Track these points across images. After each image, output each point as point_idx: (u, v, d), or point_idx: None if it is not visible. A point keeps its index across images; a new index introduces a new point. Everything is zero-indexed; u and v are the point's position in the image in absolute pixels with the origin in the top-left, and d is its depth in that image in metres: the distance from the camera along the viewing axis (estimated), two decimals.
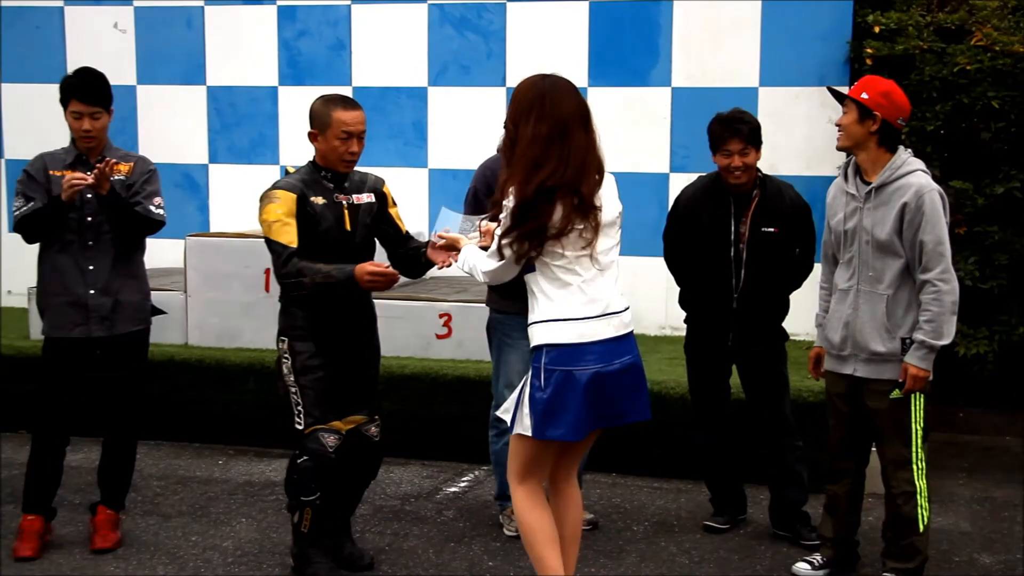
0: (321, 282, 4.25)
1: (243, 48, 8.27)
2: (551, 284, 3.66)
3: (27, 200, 4.70)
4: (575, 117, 3.63)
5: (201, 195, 8.42)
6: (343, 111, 4.37)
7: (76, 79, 4.70)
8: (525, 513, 3.78)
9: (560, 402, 3.61)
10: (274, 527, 5.18)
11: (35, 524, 4.84)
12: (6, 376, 6.72)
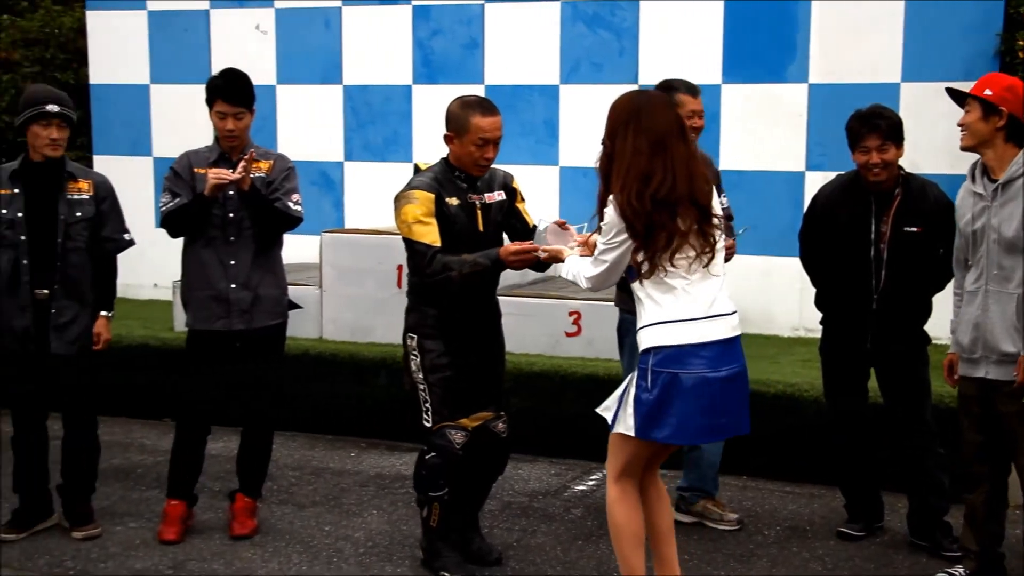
0: (469, 272, 4.25)
1: (378, 48, 8.40)
2: (657, 289, 3.67)
3: (173, 196, 4.85)
4: (672, 129, 3.67)
5: (336, 192, 8.60)
6: (481, 117, 4.34)
7: (222, 80, 4.83)
8: (617, 511, 3.84)
9: (666, 404, 3.62)
10: (404, 519, 5.25)
11: (178, 509, 5.01)
12: (151, 366, 6.97)
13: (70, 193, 4.86)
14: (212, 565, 4.67)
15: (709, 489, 5.22)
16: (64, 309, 4.84)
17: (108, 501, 5.42)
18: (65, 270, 4.83)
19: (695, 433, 3.74)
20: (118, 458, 6.19)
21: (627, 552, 3.83)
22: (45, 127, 4.76)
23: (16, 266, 4.81)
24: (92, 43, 9.20)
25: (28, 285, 4.81)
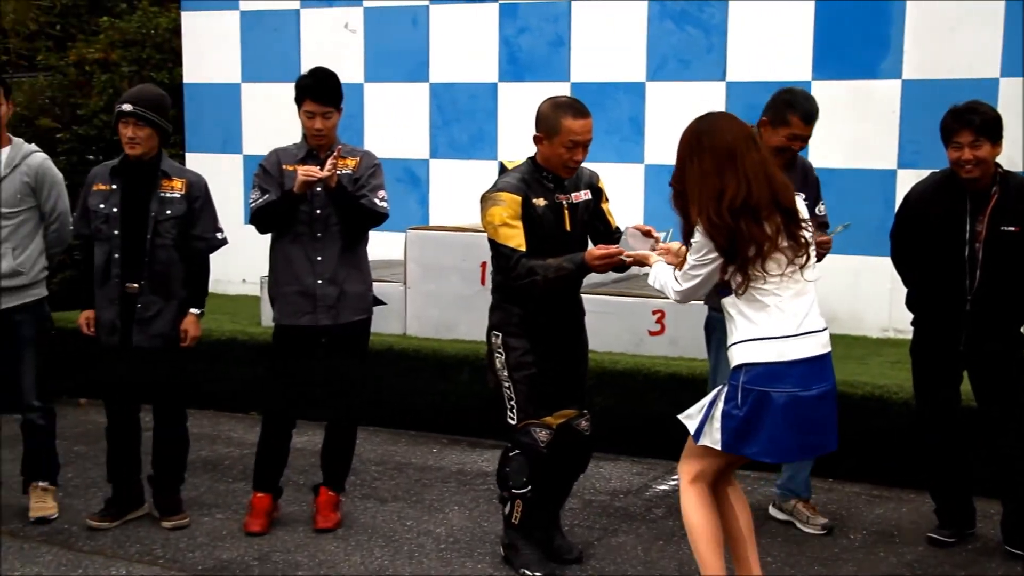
0: (554, 277, 4.25)
1: (465, 45, 8.43)
2: (750, 306, 3.66)
3: (262, 192, 4.92)
4: (739, 139, 3.65)
5: (422, 189, 8.65)
6: (573, 119, 4.31)
7: (311, 79, 4.87)
8: (693, 513, 3.82)
9: (756, 422, 3.61)
10: (485, 516, 5.26)
11: (264, 501, 5.08)
12: (239, 361, 7.09)
13: (162, 191, 4.95)
14: (296, 557, 4.73)
15: (800, 491, 5.14)
16: (149, 304, 4.94)
17: (196, 492, 5.53)
18: (152, 266, 4.93)
19: (785, 451, 3.76)
20: (206, 450, 6.31)
21: (705, 553, 3.81)
22: (124, 126, 4.87)
23: (108, 260, 4.93)
24: (186, 43, 9.40)
25: (118, 279, 4.92)
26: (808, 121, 4.76)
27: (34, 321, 5.13)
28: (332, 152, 4.80)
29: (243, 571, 4.57)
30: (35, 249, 5.12)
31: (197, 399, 6.39)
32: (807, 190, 4.77)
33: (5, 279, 5.00)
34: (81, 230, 5.07)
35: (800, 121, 4.74)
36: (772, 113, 4.77)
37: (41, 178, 5.08)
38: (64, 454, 5.61)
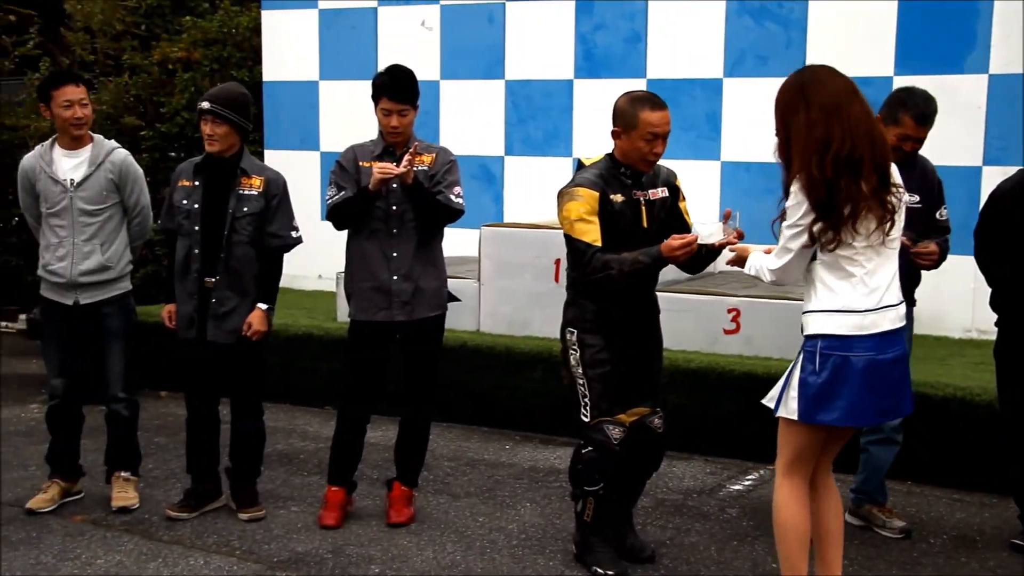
0: (629, 271, 4.21)
1: (541, 42, 8.43)
2: (833, 274, 3.61)
3: (339, 189, 4.96)
4: (844, 92, 3.57)
5: (496, 186, 8.67)
6: (651, 112, 4.28)
7: (387, 77, 4.90)
8: (785, 508, 3.75)
9: (835, 387, 3.56)
10: (557, 513, 5.25)
11: (338, 495, 5.13)
12: (315, 355, 7.18)
13: (241, 188, 5.02)
14: (369, 551, 4.77)
15: (875, 494, 5.05)
16: (225, 300, 5.01)
17: (272, 485, 5.60)
18: (228, 262, 5.00)
19: (864, 415, 3.67)
20: (282, 444, 6.39)
21: (791, 552, 3.74)
22: (204, 123, 4.95)
23: (188, 255, 5.02)
24: (266, 41, 9.54)
25: (196, 274, 5.01)
26: (921, 122, 4.64)
27: (121, 314, 5.25)
28: (408, 148, 4.83)
29: (317, 563, 4.62)
30: (121, 244, 5.24)
31: (274, 393, 6.48)
32: (926, 192, 4.67)
33: (94, 274, 5.11)
34: (166, 224, 5.17)
35: (912, 121, 4.62)
36: (886, 111, 4.65)
37: (124, 174, 5.19)
38: (145, 445, 5.72)
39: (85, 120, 5.11)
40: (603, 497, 4.47)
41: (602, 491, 4.44)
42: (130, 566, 4.56)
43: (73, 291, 5.12)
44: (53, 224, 5.12)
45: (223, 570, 4.53)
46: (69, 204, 5.08)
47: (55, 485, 5.29)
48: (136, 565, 4.57)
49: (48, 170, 5.11)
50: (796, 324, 3.77)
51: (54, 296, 5.17)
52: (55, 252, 5.12)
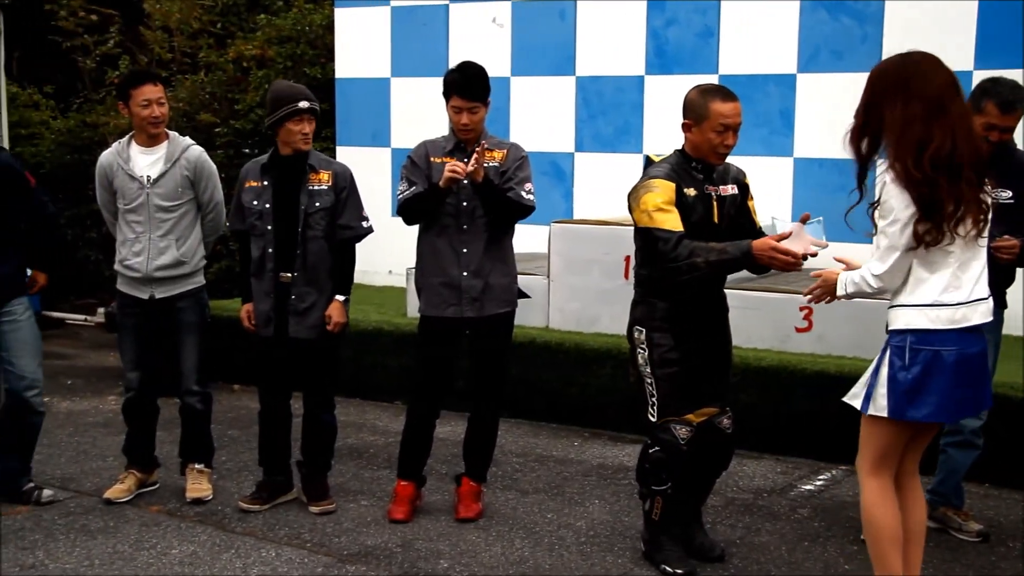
0: (716, 260, 4.12)
1: (612, 38, 8.40)
2: (925, 268, 3.53)
3: (410, 185, 4.98)
4: (948, 88, 3.48)
5: (566, 183, 8.66)
6: (722, 103, 4.26)
7: (458, 75, 4.91)
8: (874, 508, 3.68)
9: (926, 382, 3.50)
10: (626, 511, 5.23)
11: (408, 490, 5.16)
12: (385, 350, 7.23)
13: (311, 184, 5.07)
14: (438, 545, 4.79)
15: (951, 496, 4.95)
16: (304, 295, 5.07)
17: (342, 478, 5.66)
18: (305, 258, 5.05)
19: (952, 410, 3.61)
20: (352, 438, 6.45)
21: (885, 552, 3.66)
22: (298, 123, 5.00)
23: (263, 254, 5.08)
24: (339, 39, 9.62)
25: (272, 272, 5.07)
26: (1005, 110, 4.51)
27: (195, 308, 5.33)
28: (478, 146, 4.84)
29: (386, 557, 4.65)
30: (195, 239, 5.32)
31: (344, 388, 6.54)
32: (1021, 187, 4.56)
33: (169, 269, 5.20)
34: (236, 225, 5.24)
35: (996, 109, 4.50)
36: (972, 100, 4.55)
37: (199, 171, 5.27)
38: (218, 438, 5.81)
39: (162, 119, 5.19)
40: (671, 496, 4.44)
41: (670, 490, 4.42)
42: (203, 556, 4.64)
43: (149, 286, 5.22)
44: (130, 220, 5.22)
45: (294, 562, 4.58)
46: (145, 200, 5.17)
47: (132, 476, 5.40)
48: (209, 556, 4.65)
49: (125, 167, 5.20)
50: (869, 322, 3.73)
51: (130, 291, 5.27)
52: (131, 247, 5.22)
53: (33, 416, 5.24)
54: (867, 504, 3.70)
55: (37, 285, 5.41)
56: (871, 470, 3.69)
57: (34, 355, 5.20)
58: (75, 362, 8.75)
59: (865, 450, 3.70)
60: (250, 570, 4.49)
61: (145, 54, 11.72)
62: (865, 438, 3.70)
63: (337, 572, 4.49)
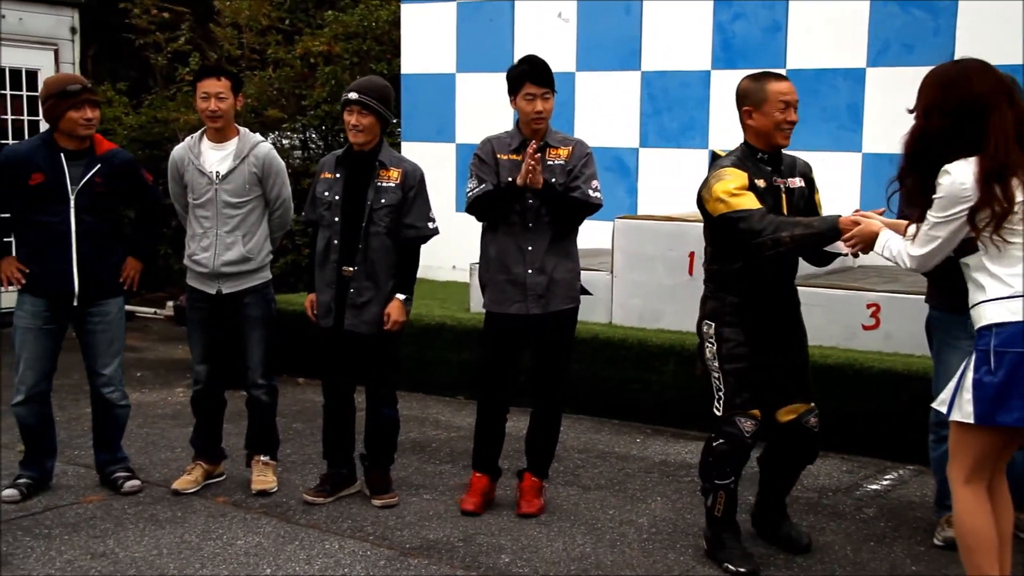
0: (800, 235, 4.11)
1: (678, 33, 8.35)
2: (996, 262, 3.49)
3: (479, 182, 4.99)
4: (997, 93, 3.49)
5: (630, 178, 8.62)
6: (776, 82, 4.35)
7: (527, 65, 4.92)
8: (969, 516, 3.60)
9: (1015, 384, 3.41)
10: (688, 508, 5.20)
11: (482, 481, 5.19)
12: (448, 345, 7.26)
13: (379, 180, 5.11)
14: (500, 540, 4.80)
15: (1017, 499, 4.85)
16: (363, 290, 5.10)
17: (405, 472, 5.70)
18: (366, 253, 5.09)
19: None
20: (415, 432, 6.49)
21: (983, 562, 3.57)
22: (349, 114, 5.04)
23: (328, 245, 5.13)
24: (405, 35, 9.67)
25: (335, 263, 5.12)
26: None
27: (261, 303, 5.39)
28: (545, 143, 4.86)
29: (448, 551, 4.68)
30: (261, 235, 5.38)
31: (407, 382, 6.58)
32: None
33: (236, 264, 5.27)
34: (309, 215, 5.30)
35: None
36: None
37: (268, 167, 5.33)
38: (283, 431, 5.88)
39: (220, 113, 5.22)
40: (734, 492, 4.44)
41: (732, 484, 4.41)
42: (268, 548, 4.70)
43: (216, 280, 5.29)
44: (199, 215, 5.30)
45: (356, 555, 4.63)
46: (214, 196, 5.25)
47: (199, 467, 5.48)
48: (274, 547, 4.71)
49: (196, 162, 5.28)
50: None
51: (198, 285, 5.35)
52: (200, 242, 5.30)
53: (116, 409, 5.37)
54: (962, 514, 3.62)
55: (130, 273, 5.36)
56: (965, 479, 3.60)
57: (115, 354, 5.31)
58: (145, 354, 8.91)
59: (957, 459, 3.62)
60: (313, 562, 4.54)
61: (215, 51, 11.89)
62: (956, 446, 3.62)
63: (399, 565, 4.52)
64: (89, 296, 5.17)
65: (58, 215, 5.07)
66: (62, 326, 5.24)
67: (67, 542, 4.72)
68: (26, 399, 5.15)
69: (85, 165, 5.12)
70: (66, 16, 9.98)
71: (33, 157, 5.09)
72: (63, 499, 5.26)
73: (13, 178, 5.07)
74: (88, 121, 5.08)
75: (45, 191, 5.05)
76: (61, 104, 5.03)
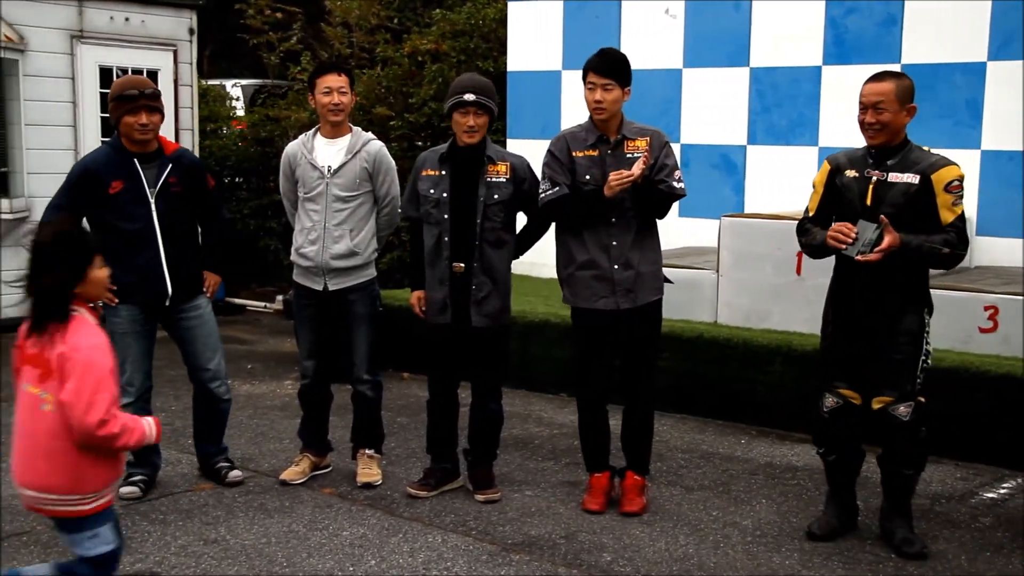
0: (805, 243, 4.73)
1: (788, 28, 8.20)
2: None
3: (553, 184, 4.97)
4: None
5: (737, 176, 8.50)
6: (864, 84, 4.55)
7: (596, 56, 4.94)
8: None
9: None
10: (794, 511, 5.11)
11: (601, 481, 5.17)
12: (551, 342, 7.25)
13: (489, 176, 5.13)
14: (602, 539, 4.78)
15: None
16: (482, 285, 5.13)
17: (508, 468, 5.71)
18: (482, 249, 5.11)
19: None
20: (518, 428, 6.50)
21: None
22: (463, 115, 5.06)
23: (439, 242, 5.16)
24: (511, 32, 9.70)
25: (447, 260, 5.15)
26: None
27: (366, 300, 5.45)
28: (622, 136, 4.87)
29: (550, 548, 4.68)
30: (368, 232, 5.44)
31: (510, 379, 6.59)
32: None
33: (343, 259, 5.34)
34: (410, 213, 5.33)
35: None
36: None
37: (378, 164, 5.39)
38: (388, 424, 5.94)
39: (343, 107, 5.32)
40: (831, 463, 4.76)
41: (830, 458, 4.74)
42: (373, 539, 4.76)
43: (322, 276, 5.36)
44: (308, 208, 5.38)
45: (459, 549, 4.65)
46: (324, 189, 5.32)
47: (306, 459, 5.58)
48: (378, 539, 4.77)
49: (309, 156, 5.37)
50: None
51: (305, 282, 5.44)
52: (308, 236, 5.38)
53: (220, 404, 5.49)
54: None
55: (211, 288, 5.48)
56: None
57: (216, 348, 5.42)
58: (255, 347, 9.10)
59: None
60: (416, 555, 4.59)
61: (326, 49, 12.09)
62: None
63: (501, 560, 4.53)
64: (180, 296, 5.26)
65: (141, 220, 5.12)
66: (155, 325, 5.34)
67: (181, 528, 4.85)
68: (135, 399, 5.24)
69: (158, 167, 5.18)
70: (185, 18, 10.26)
71: (109, 165, 5.13)
72: (177, 487, 5.41)
73: (94, 188, 5.10)
74: (143, 127, 5.08)
75: (126, 197, 5.10)
76: (120, 108, 5.08)
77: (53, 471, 3.34)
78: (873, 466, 4.85)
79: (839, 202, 4.59)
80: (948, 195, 4.44)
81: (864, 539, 4.75)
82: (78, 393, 3.25)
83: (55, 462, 3.34)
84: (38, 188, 9.40)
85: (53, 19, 9.45)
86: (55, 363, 3.28)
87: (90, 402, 3.26)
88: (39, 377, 3.32)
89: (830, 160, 4.67)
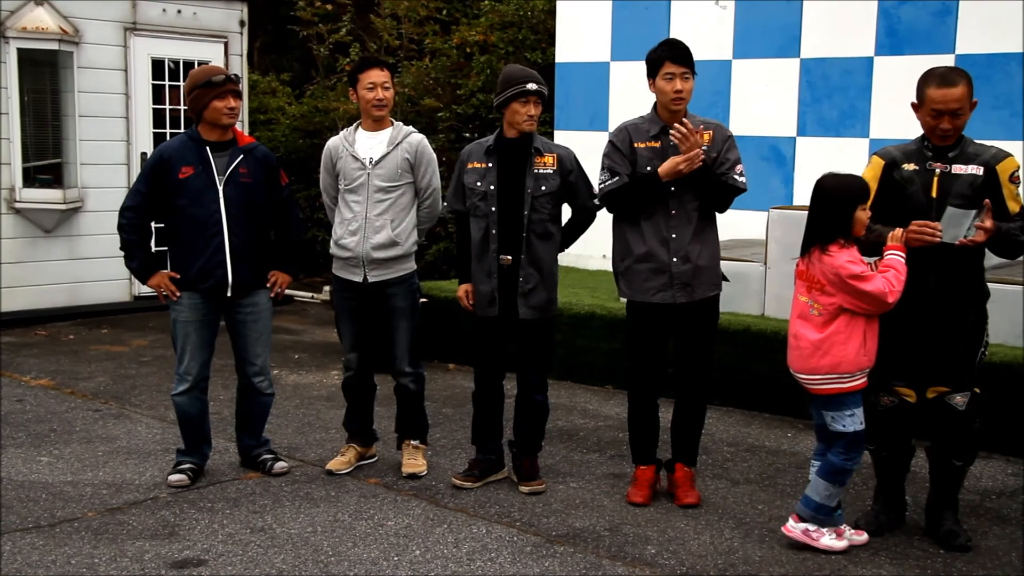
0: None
1: (840, 19, 8.11)
2: None
3: (612, 175, 4.96)
4: None
5: (787, 168, 8.43)
6: (935, 89, 4.37)
7: (666, 46, 4.89)
8: None
9: None
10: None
11: (646, 474, 5.17)
12: (596, 335, 7.24)
13: (536, 167, 5.13)
14: (646, 531, 4.77)
15: None
16: (529, 277, 5.13)
17: (552, 460, 5.71)
18: (530, 240, 5.12)
19: None
20: (563, 420, 6.50)
21: None
22: (524, 104, 5.06)
23: (486, 235, 5.17)
24: (560, 24, 9.68)
25: (495, 253, 5.15)
26: None
27: (406, 293, 5.46)
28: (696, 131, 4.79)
29: (594, 540, 4.67)
30: (409, 223, 5.45)
31: (555, 371, 6.59)
32: None
33: (383, 249, 5.35)
34: (455, 206, 5.34)
35: None
36: None
37: (420, 156, 5.40)
38: (433, 415, 5.97)
39: (386, 102, 5.34)
40: (880, 459, 4.73)
41: (876, 452, 4.71)
42: (417, 529, 4.78)
43: (362, 268, 5.37)
44: (349, 200, 5.41)
45: (503, 540, 4.67)
46: (366, 180, 5.35)
47: (352, 449, 5.62)
48: (423, 529, 4.79)
49: (350, 149, 5.39)
50: None
51: (345, 274, 5.46)
52: (348, 226, 5.40)
53: (263, 397, 5.54)
54: None
55: (279, 287, 5.51)
56: None
57: (266, 344, 5.48)
58: (302, 337, 9.18)
59: None
60: (461, 545, 4.60)
61: (375, 41, 12.14)
62: None
63: (545, 552, 4.54)
64: (242, 287, 5.33)
65: (209, 206, 5.20)
66: (217, 316, 5.41)
67: (229, 516, 4.91)
68: (190, 387, 5.32)
69: (229, 155, 5.27)
70: (235, 10, 10.37)
71: (182, 151, 5.24)
72: (225, 475, 5.47)
73: (167, 174, 5.21)
74: (231, 110, 5.22)
75: (195, 183, 5.20)
76: (207, 94, 5.17)
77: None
78: (922, 461, 4.80)
79: (899, 196, 4.49)
80: (1012, 185, 4.44)
81: (912, 535, 4.70)
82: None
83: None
84: (91, 179, 9.56)
85: (107, 12, 9.59)
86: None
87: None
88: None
89: (882, 155, 4.57)
